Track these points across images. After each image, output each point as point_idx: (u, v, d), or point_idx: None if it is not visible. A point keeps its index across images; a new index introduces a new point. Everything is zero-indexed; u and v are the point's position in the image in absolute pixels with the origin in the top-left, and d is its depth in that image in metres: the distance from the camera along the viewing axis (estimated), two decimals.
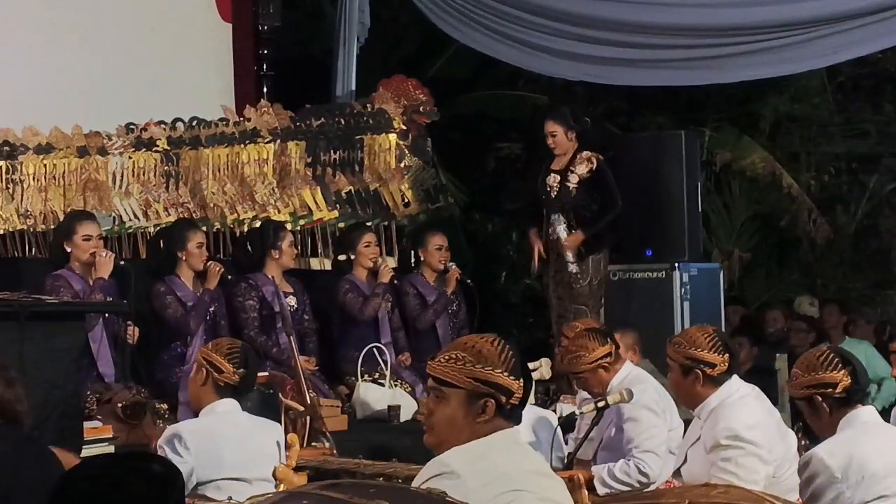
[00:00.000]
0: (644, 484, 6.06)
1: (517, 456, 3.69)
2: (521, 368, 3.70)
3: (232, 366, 5.13)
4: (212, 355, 5.18)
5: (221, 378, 5.13)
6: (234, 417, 5.17)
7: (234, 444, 5.07)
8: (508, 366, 3.66)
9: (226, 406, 5.14)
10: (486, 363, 3.66)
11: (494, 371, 3.66)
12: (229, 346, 5.27)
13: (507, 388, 3.66)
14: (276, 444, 5.24)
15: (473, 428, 3.71)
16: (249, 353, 5.31)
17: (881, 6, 8.89)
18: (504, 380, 3.66)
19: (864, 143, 13.31)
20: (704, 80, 10.27)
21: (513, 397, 3.67)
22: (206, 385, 5.15)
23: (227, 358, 5.14)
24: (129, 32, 9.67)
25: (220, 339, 5.60)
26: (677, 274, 9.43)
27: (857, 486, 4.23)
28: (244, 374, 5.15)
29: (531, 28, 10.00)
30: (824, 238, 12.99)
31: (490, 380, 3.66)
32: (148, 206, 9.00)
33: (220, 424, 5.12)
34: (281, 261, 8.53)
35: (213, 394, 5.15)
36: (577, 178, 8.91)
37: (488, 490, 3.52)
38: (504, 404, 3.67)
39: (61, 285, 7.67)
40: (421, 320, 9.00)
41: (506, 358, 3.67)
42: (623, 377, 6.29)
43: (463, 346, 3.72)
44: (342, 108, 10.03)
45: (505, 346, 3.72)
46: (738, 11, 9.41)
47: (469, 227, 12.27)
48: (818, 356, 4.48)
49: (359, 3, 10.52)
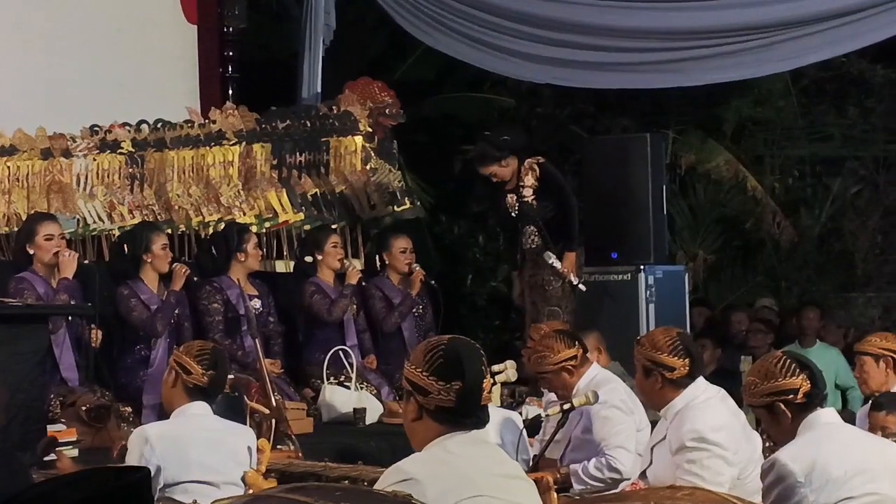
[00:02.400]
0: (616, 480, 6.09)
1: (482, 459, 3.67)
2: (451, 371, 3.61)
3: (201, 367, 5.12)
4: (182, 357, 5.19)
5: (190, 379, 5.13)
6: (205, 420, 5.16)
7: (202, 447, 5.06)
8: (431, 366, 3.62)
9: (196, 409, 5.13)
10: (412, 363, 3.66)
11: (416, 370, 3.64)
12: (199, 348, 5.28)
13: (424, 388, 3.62)
14: (248, 449, 5.22)
15: (415, 430, 3.70)
16: (220, 356, 5.31)
17: (844, 10, 8.93)
18: (421, 379, 3.62)
19: (828, 147, 13.38)
20: (669, 84, 10.30)
21: (429, 397, 3.61)
22: (176, 387, 5.16)
23: (196, 360, 5.14)
24: (94, 34, 9.63)
25: (193, 342, 5.57)
26: (642, 276, 9.46)
27: (820, 489, 4.23)
28: (213, 376, 5.15)
29: (497, 31, 10.02)
30: (788, 241, 13.05)
31: (410, 378, 3.65)
32: (112, 209, 8.96)
33: (189, 427, 5.11)
34: (246, 263, 8.51)
35: (184, 396, 5.15)
36: (530, 191, 8.98)
37: (449, 497, 3.50)
38: (424, 405, 3.63)
39: (25, 288, 7.64)
40: (387, 323, 8.99)
41: (430, 358, 3.63)
42: (590, 379, 6.30)
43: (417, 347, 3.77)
44: (308, 110, 10.01)
45: (437, 345, 3.66)
46: (701, 15, 9.45)
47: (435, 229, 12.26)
48: (775, 363, 4.43)
49: (324, 6, 10.51)
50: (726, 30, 9.36)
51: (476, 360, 3.66)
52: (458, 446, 3.62)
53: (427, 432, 3.66)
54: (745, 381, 4.61)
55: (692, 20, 9.48)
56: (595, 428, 6.22)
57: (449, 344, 3.66)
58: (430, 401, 3.61)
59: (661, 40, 9.64)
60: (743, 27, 9.29)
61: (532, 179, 8.98)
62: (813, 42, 9.15)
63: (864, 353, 6.75)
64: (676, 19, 9.54)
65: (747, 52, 9.35)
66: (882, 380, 6.65)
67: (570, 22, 9.73)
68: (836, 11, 8.97)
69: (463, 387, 3.59)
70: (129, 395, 7.82)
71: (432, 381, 3.60)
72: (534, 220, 8.96)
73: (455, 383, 3.59)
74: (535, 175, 8.98)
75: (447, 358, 3.61)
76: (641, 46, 9.68)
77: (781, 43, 9.23)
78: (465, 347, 3.67)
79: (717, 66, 9.55)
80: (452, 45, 10.31)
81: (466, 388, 3.60)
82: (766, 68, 9.89)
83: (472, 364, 3.63)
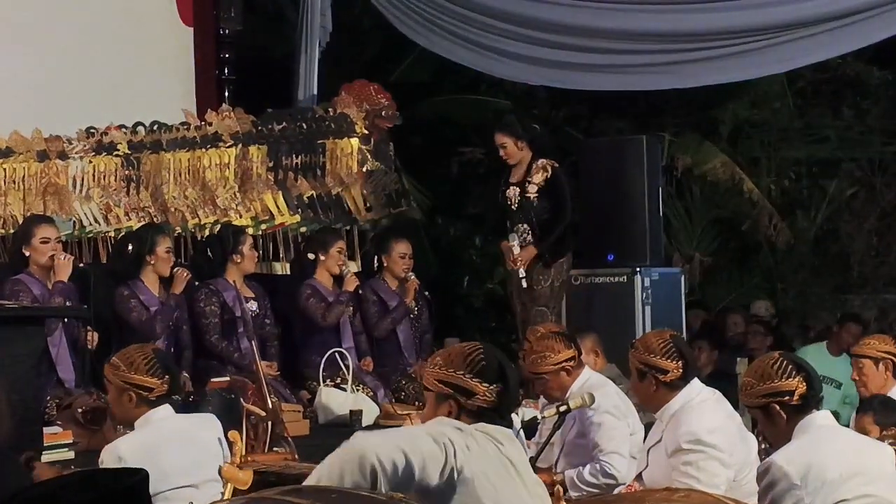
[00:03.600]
0: (611, 485, 6.08)
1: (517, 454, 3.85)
2: (493, 373, 3.83)
3: (157, 378, 4.94)
4: (132, 377, 4.95)
5: (152, 395, 4.99)
6: (171, 423, 5.03)
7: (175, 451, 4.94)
8: (473, 369, 3.83)
9: (160, 413, 4.98)
10: (451, 366, 3.85)
11: (456, 373, 3.83)
12: (144, 359, 4.99)
13: (469, 389, 3.81)
14: (219, 440, 5.13)
15: None
16: (164, 356, 5.17)
17: (840, 13, 8.95)
18: (465, 381, 3.82)
19: (824, 148, 13.39)
20: (665, 85, 10.31)
21: (473, 398, 3.81)
22: (140, 406, 4.96)
23: (148, 374, 4.94)
24: (91, 36, 9.63)
25: (130, 354, 5.05)
26: (639, 278, 9.45)
27: (816, 492, 4.23)
28: (170, 380, 5.03)
29: (493, 32, 10.03)
30: (785, 243, 13.06)
31: (451, 381, 3.83)
32: (108, 211, 8.96)
33: (158, 434, 4.94)
34: (242, 265, 8.51)
35: (146, 408, 5.00)
36: (535, 188, 9.00)
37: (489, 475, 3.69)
38: (466, 405, 3.82)
39: (21, 290, 7.64)
40: (379, 328, 8.99)
41: (472, 361, 3.84)
42: (583, 382, 6.29)
43: (441, 352, 3.97)
44: (304, 112, 10.01)
45: (476, 350, 3.89)
46: (697, 17, 9.46)
47: (432, 231, 12.27)
48: (771, 364, 4.44)
49: (321, 7, 10.52)
50: (722, 32, 9.37)
51: (511, 365, 3.94)
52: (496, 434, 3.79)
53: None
54: (742, 381, 4.62)
55: (688, 23, 9.49)
56: (588, 434, 6.22)
57: (486, 348, 3.92)
58: (475, 402, 3.82)
59: (657, 42, 9.64)
60: (739, 29, 9.31)
61: (541, 178, 9.01)
62: (809, 44, 9.16)
63: (863, 356, 6.73)
64: (672, 22, 9.55)
65: (743, 54, 9.36)
66: (881, 383, 6.65)
67: (566, 24, 9.74)
68: (833, 14, 8.98)
69: (505, 390, 3.84)
70: None
71: (476, 382, 3.81)
72: (529, 219, 8.98)
73: (498, 385, 3.83)
74: (545, 175, 9.01)
75: (489, 361, 3.86)
76: (637, 48, 9.69)
77: (777, 45, 9.24)
78: (499, 353, 3.96)
79: (713, 67, 9.56)
80: (448, 47, 10.32)
81: (508, 392, 3.85)
82: (762, 70, 9.91)
83: (511, 368, 3.92)
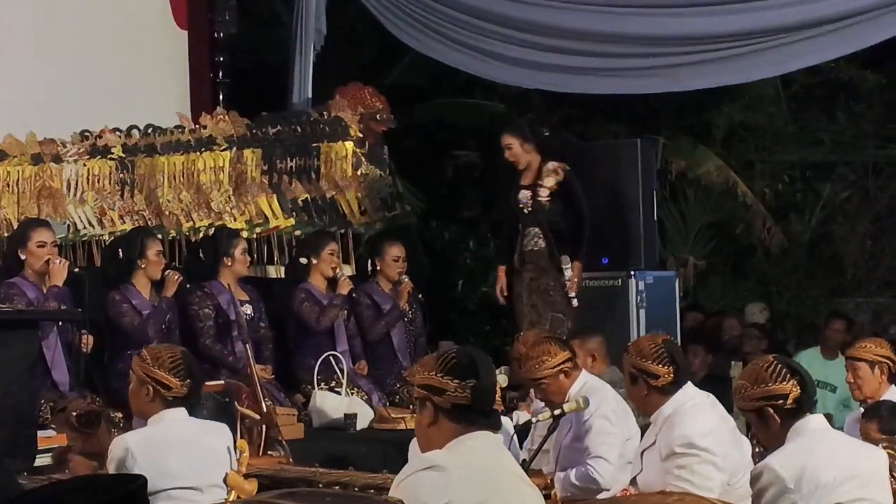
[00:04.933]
0: (593, 490, 6.08)
1: (504, 460, 3.84)
2: (464, 369, 3.78)
3: (178, 380, 5.02)
4: (155, 372, 5.03)
5: (170, 394, 5.04)
6: (183, 425, 5.09)
7: (183, 452, 5.00)
8: (444, 367, 3.79)
9: (174, 415, 5.05)
10: (425, 369, 3.83)
11: (429, 374, 3.81)
12: (171, 358, 5.07)
13: (439, 387, 3.77)
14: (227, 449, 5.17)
15: (432, 437, 3.80)
16: (192, 362, 5.21)
17: (834, 16, 8.95)
18: (436, 380, 3.78)
19: (817, 152, 13.41)
20: (659, 89, 10.31)
21: (444, 395, 3.76)
22: (155, 401, 5.05)
23: (171, 373, 5.01)
24: (85, 39, 9.63)
25: (159, 351, 5.17)
26: (633, 282, 9.47)
27: (810, 496, 4.24)
28: (191, 385, 5.08)
29: (487, 36, 10.03)
30: (779, 246, 13.08)
31: (425, 383, 3.81)
32: (103, 214, 8.95)
33: (168, 434, 5.03)
34: (234, 268, 8.50)
35: (161, 406, 5.06)
36: (547, 192, 9.00)
37: (472, 488, 3.65)
38: (440, 405, 3.77)
39: (15, 293, 7.63)
40: (373, 331, 8.98)
41: (443, 360, 3.81)
42: (580, 386, 6.30)
43: (423, 358, 3.99)
44: (298, 115, 10.01)
45: (450, 351, 3.88)
46: (692, 21, 9.46)
47: (426, 235, 12.27)
48: (765, 367, 4.43)
49: (315, 11, 10.51)
50: (717, 35, 9.38)
51: (487, 361, 3.89)
52: (479, 444, 3.76)
53: (444, 435, 3.79)
54: (736, 384, 4.61)
55: (683, 26, 9.49)
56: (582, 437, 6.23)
57: (460, 348, 3.93)
58: (447, 399, 3.76)
59: (652, 46, 9.65)
60: (733, 33, 9.31)
61: (553, 182, 9.01)
62: (803, 47, 9.16)
63: (858, 359, 6.73)
64: (667, 25, 9.55)
65: (738, 58, 9.37)
66: (876, 386, 6.65)
67: (561, 27, 9.74)
68: (827, 17, 8.99)
69: (477, 384, 3.77)
70: (120, 400, 7.75)
71: (447, 379, 3.77)
72: (541, 223, 8.99)
73: (469, 381, 3.76)
74: (557, 178, 9.02)
75: (460, 358, 3.81)
76: (632, 52, 9.69)
77: (771, 48, 9.24)
78: (474, 351, 3.95)
79: (708, 71, 9.56)
80: (443, 50, 10.33)
81: (480, 385, 3.78)
82: (757, 74, 9.91)
83: (485, 363, 3.85)
